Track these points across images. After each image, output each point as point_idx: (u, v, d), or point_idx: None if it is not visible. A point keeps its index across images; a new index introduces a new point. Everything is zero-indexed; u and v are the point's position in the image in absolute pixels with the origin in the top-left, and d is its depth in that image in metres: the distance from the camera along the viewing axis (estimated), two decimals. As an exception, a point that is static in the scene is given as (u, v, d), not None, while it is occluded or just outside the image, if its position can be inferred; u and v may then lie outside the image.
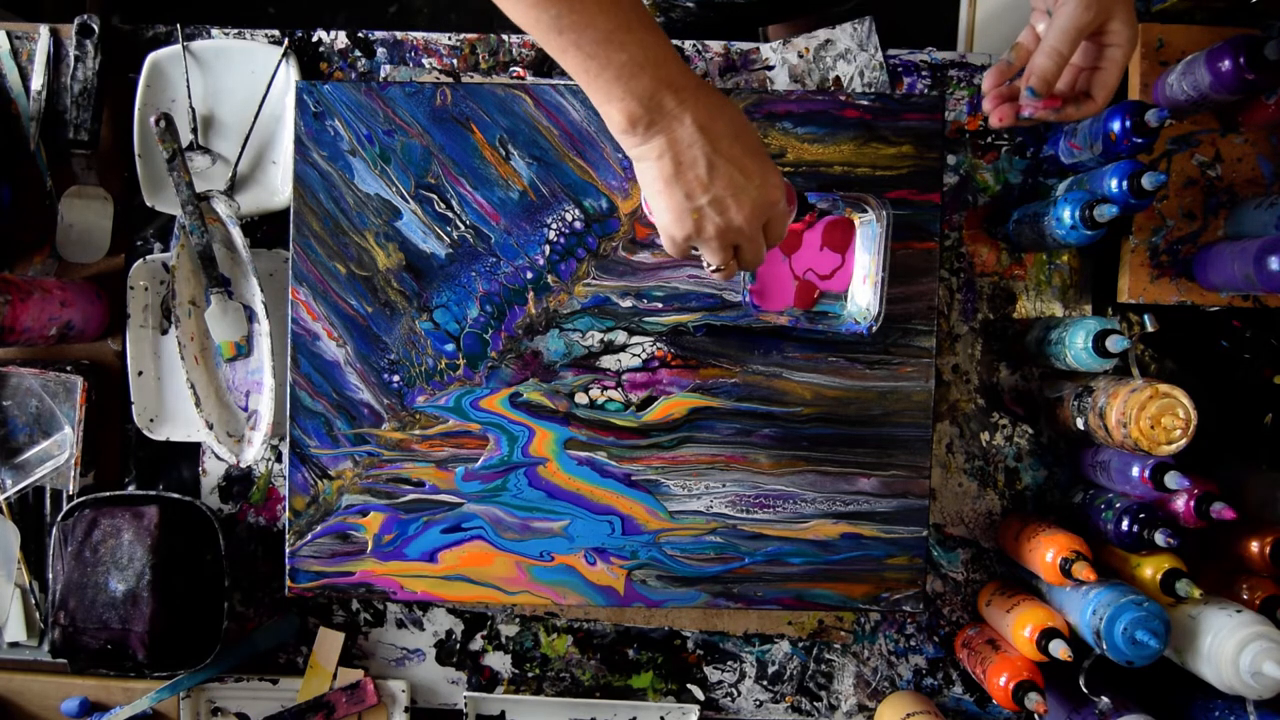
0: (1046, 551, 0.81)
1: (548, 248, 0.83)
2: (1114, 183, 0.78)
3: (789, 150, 0.82)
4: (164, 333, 0.92)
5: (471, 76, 0.93)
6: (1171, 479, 0.76)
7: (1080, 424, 0.82)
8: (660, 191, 0.61)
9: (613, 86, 0.56)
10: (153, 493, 0.89)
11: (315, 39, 0.93)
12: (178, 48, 0.90)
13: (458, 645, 0.94)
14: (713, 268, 0.65)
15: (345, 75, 0.93)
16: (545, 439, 0.83)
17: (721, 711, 0.95)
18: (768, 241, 0.65)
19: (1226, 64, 0.76)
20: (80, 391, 0.89)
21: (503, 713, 0.95)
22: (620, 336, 0.83)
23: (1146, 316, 0.76)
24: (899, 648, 0.94)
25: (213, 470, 0.94)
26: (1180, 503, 0.79)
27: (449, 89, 0.82)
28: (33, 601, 0.92)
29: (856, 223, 0.79)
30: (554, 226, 0.82)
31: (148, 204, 0.90)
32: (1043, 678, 0.82)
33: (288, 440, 0.84)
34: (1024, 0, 1.42)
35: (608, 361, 0.83)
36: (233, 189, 0.91)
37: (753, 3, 1.01)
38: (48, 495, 0.92)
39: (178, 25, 0.91)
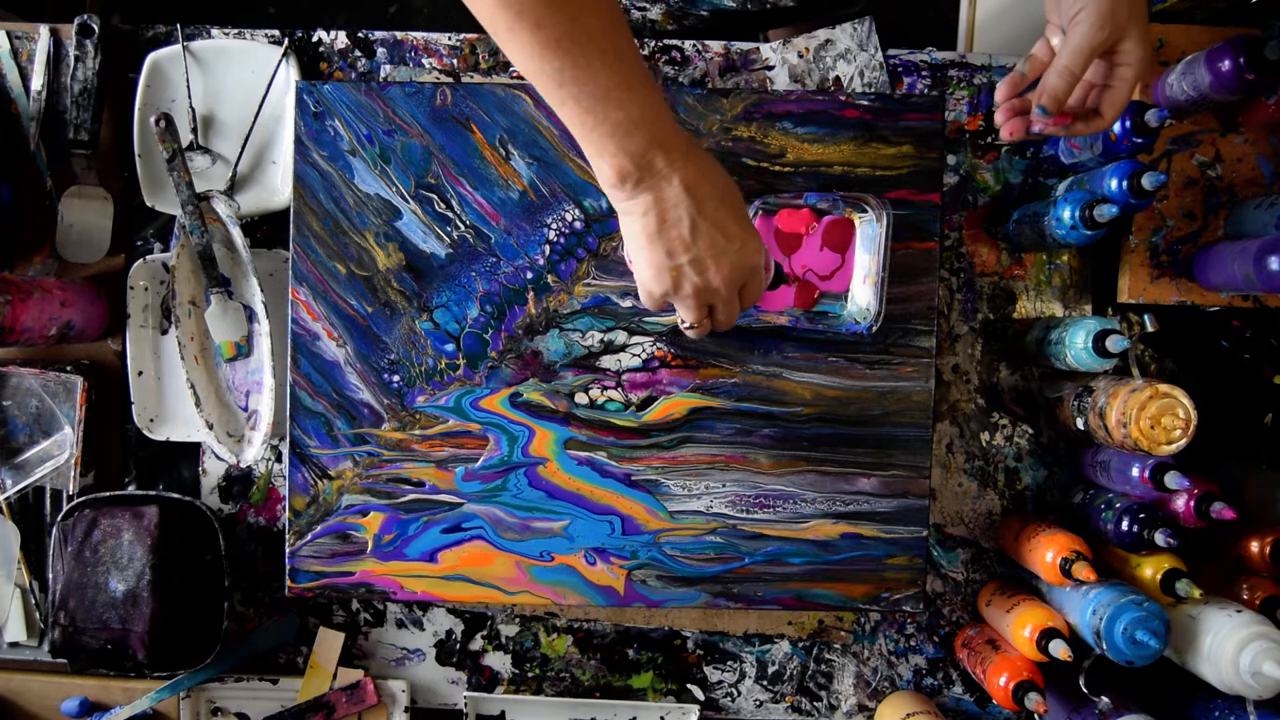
0: (1046, 551, 0.81)
1: (548, 248, 0.83)
2: (1114, 183, 0.78)
3: (789, 150, 0.82)
4: (164, 333, 0.92)
5: (471, 76, 0.93)
6: (1171, 479, 0.76)
7: (1080, 424, 0.82)
8: (643, 247, 0.62)
9: (606, 142, 0.58)
10: (153, 493, 0.89)
11: (315, 39, 0.93)
12: (178, 48, 0.90)
13: (458, 645, 0.94)
14: (686, 325, 0.66)
15: (345, 75, 0.93)
16: (545, 439, 0.83)
17: (721, 711, 0.95)
18: (742, 304, 0.66)
19: (1226, 64, 0.76)
20: (80, 391, 0.89)
21: (503, 713, 0.95)
22: (620, 336, 0.83)
23: (1146, 316, 0.76)
24: (899, 648, 0.94)
25: (213, 470, 0.94)
26: (1180, 503, 0.79)
27: (449, 89, 0.82)
28: (33, 601, 0.92)
29: (856, 223, 0.79)
30: (554, 226, 0.82)
31: (148, 204, 0.90)
32: (1043, 678, 0.82)
33: (288, 440, 0.84)
34: (1024, 0, 1.43)
35: (608, 361, 0.83)
36: (233, 189, 0.91)
37: (763, 12, 1.01)
38: (48, 495, 0.92)
39: (178, 25, 0.91)
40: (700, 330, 0.67)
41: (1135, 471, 0.79)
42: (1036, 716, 0.80)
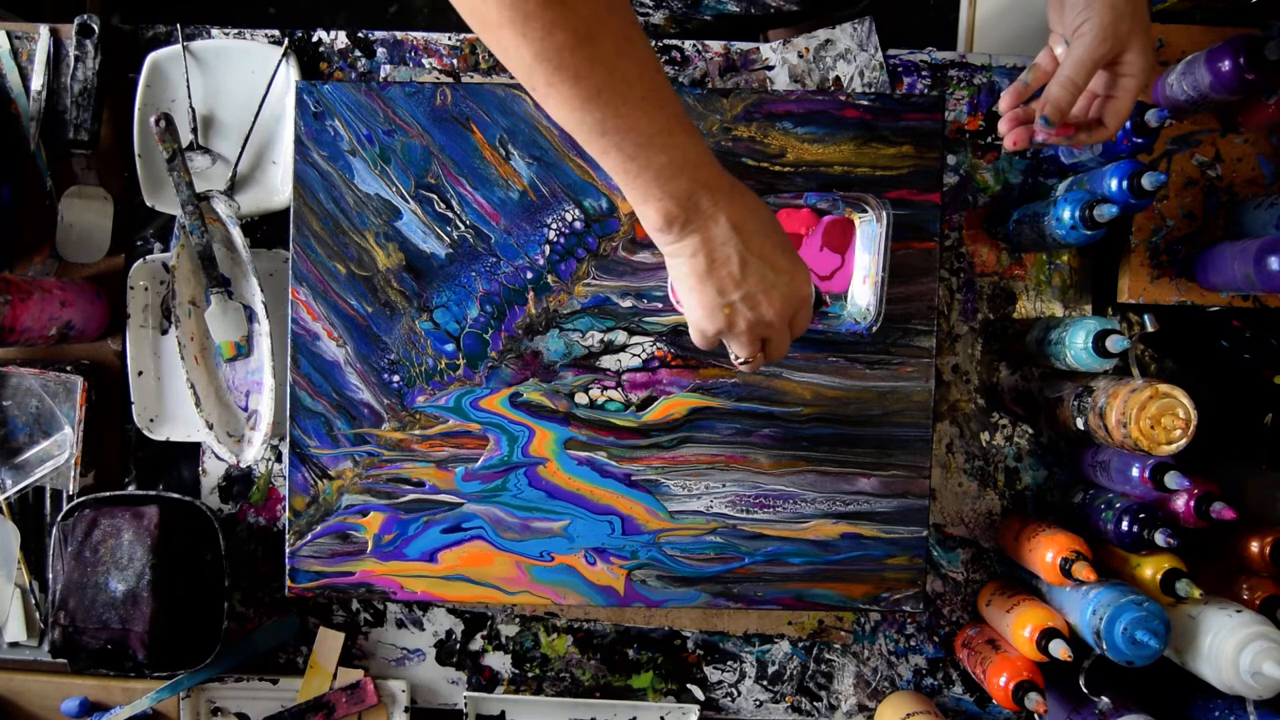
0: (1046, 551, 0.81)
1: (548, 248, 0.83)
2: (1114, 183, 0.78)
3: (789, 150, 0.82)
4: (164, 333, 0.92)
5: (471, 76, 0.93)
6: (1171, 479, 0.76)
7: (1080, 424, 0.82)
8: (694, 288, 0.62)
9: (651, 187, 0.58)
10: (153, 493, 0.89)
11: (315, 39, 0.93)
12: (178, 48, 0.90)
13: (458, 645, 0.94)
14: (741, 360, 0.67)
15: (345, 75, 0.93)
16: (545, 439, 0.83)
17: (721, 711, 0.94)
18: (793, 333, 0.66)
19: (1226, 64, 0.76)
20: (80, 391, 0.89)
21: (503, 713, 0.95)
22: (620, 336, 0.83)
23: (1146, 316, 0.76)
24: (899, 648, 0.94)
25: (213, 470, 0.94)
26: (1180, 503, 0.79)
27: (449, 89, 0.82)
28: (33, 601, 0.92)
29: (856, 223, 0.79)
30: (554, 226, 0.82)
31: (148, 204, 0.90)
32: (1043, 678, 0.82)
33: (288, 440, 0.84)
34: (1024, 1, 1.43)
35: (608, 361, 0.83)
36: (233, 189, 0.91)
37: (766, 16, 1.01)
38: (48, 495, 0.92)
39: (178, 25, 0.91)
40: (754, 364, 0.67)
41: (1135, 471, 0.79)
42: (1036, 716, 0.80)
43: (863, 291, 0.79)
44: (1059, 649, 0.78)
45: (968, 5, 1.54)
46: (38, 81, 0.91)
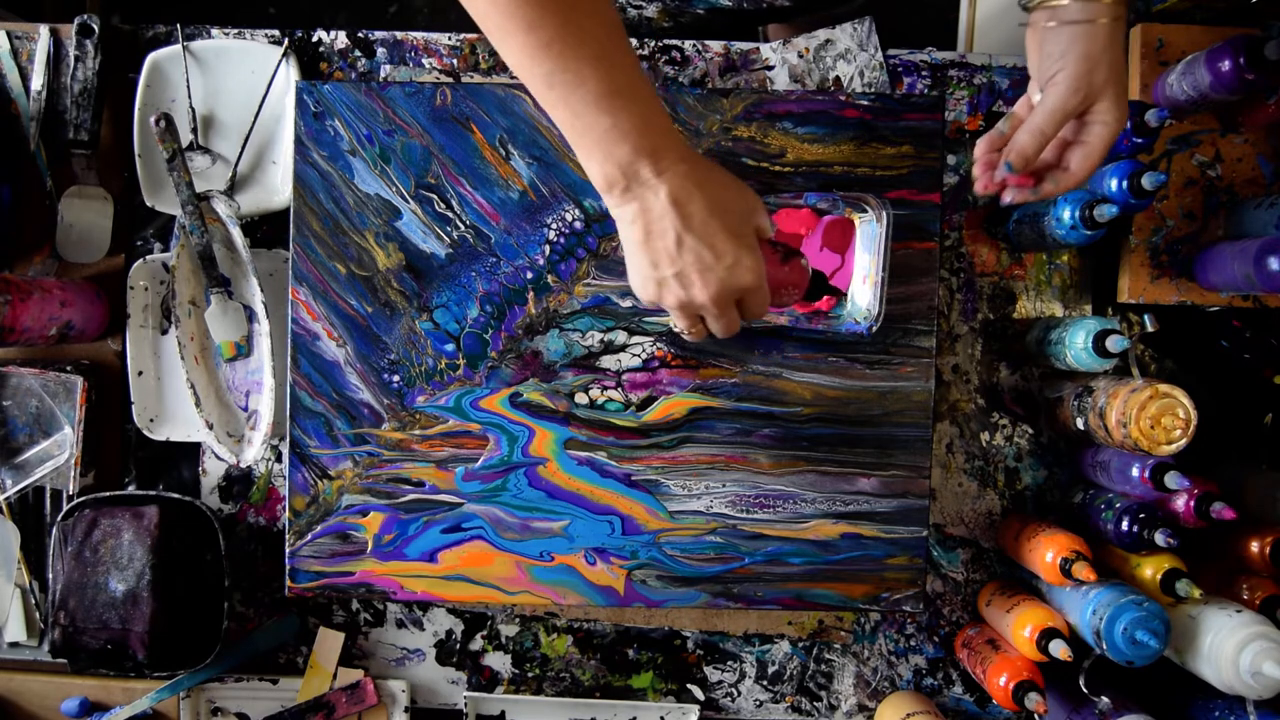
0: (1046, 551, 0.81)
1: (548, 248, 0.83)
2: (1114, 183, 0.78)
3: (789, 150, 0.82)
4: (164, 333, 0.92)
5: (471, 76, 0.93)
6: (1171, 479, 0.76)
7: (1080, 424, 0.82)
8: (630, 254, 0.63)
9: (594, 149, 0.58)
10: (153, 493, 0.89)
11: (315, 39, 0.93)
12: (178, 48, 0.90)
13: (458, 645, 0.94)
14: (677, 329, 0.67)
15: (345, 75, 0.93)
16: (545, 439, 0.83)
17: (721, 711, 0.95)
18: (745, 316, 0.66)
19: (1226, 64, 0.76)
20: (80, 391, 0.89)
21: (503, 713, 0.95)
22: (620, 336, 0.83)
23: (1146, 316, 0.76)
24: (899, 648, 0.94)
25: (213, 470, 0.94)
26: (1180, 503, 0.79)
27: (449, 89, 0.82)
28: (33, 601, 0.92)
29: (856, 223, 0.79)
30: (554, 226, 0.82)
31: (148, 204, 0.90)
32: (1043, 678, 0.82)
33: (288, 440, 0.84)
34: (1024, 0, 1.41)
35: (608, 361, 0.83)
36: (233, 189, 0.91)
37: (759, 11, 1.01)
38: (48, 495, 0.92)
39: (178, 25, 0.91)
40: (695, 336, 0.68)
41: (1135, 471, 0.79)
42: (1036, 716, 0.80)
43: (863, 291, 0.78)
44: (1059, 649, 0.78)
45: (968, 5, 1.54)
46: (38, 81, 0.91)
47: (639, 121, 0.57)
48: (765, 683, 0.94)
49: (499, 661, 0.94)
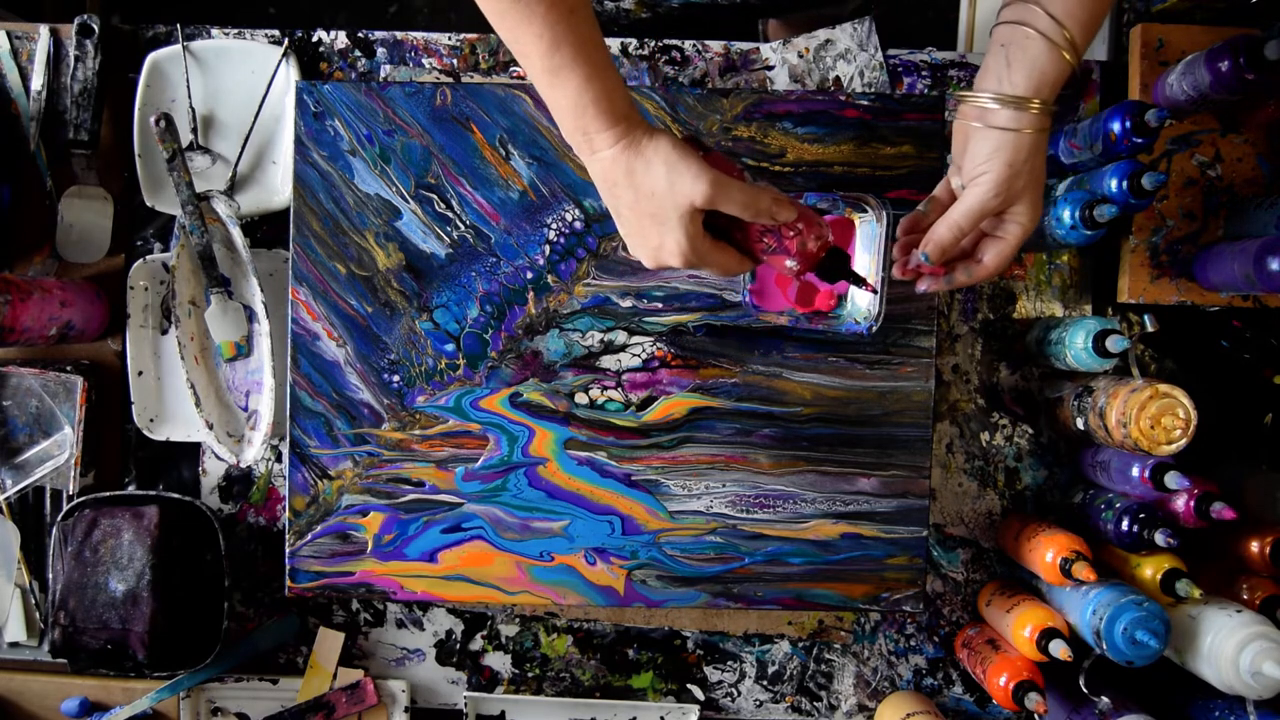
0: (1046, 551, 0.81)
1: (548, 248, 0.83)
2: (1114, 183, 0.78)
3: (789, 150, 0.82)
4: (164, 333, 0.92)
5: (471, 76, 0.93)
6: (1171, 479, 0.76)
7: (1080, 424, 0.82)
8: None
9: (554, 113, 0.63)
10: (153, 493, 0.89)
11: (315, 39, 0.93)
12: (178, 48, 0.90)
13: (458, 645, 0.94)
14: None
15: (345, 75, 0.93)
16: (545, 439, 0.83)
17: (721, 711, 0.95)
18: (714, 271, 0.67)
19: (1226, 64, 0.76)
20: (80, 391, 0.89)
21: (503, 713, 0.95)
22: (620, 336, 0.83)
23: (1146, 316, 0.76)
24: (899, 648, 0.94)
25: (213, 470, 0.94)
26: (1180, 503, 0.79)
27: (449, 89, 0.82)
28: (33, 601, 0.92)
29: (856, 223, 0.79)
30: (554, 226, 0.82)
31: (148, 204, 0.90)
32: (1043, 678, 0.82)
33: (288, 440, 0.84)
34: None
35: (608, 361, 0.83)
36: (233, 189, 0.91)
37: (732, 5, 1.01)
38: (48, 495, 0.92)
39: (178, 25, 0.91)
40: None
41: (1135, 471, 0.79)
42: (1036, 716, 0.80)
43: (862, 291, 0.78)
44: (1059, 649, 0.78)
45: (968, 5, 1.54)
46: (38, 81, 0.91)
47: (571, 103, 0.61)
48: (765, 683, 0.94)
49: (499, 661, 0.94)
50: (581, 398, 0.83)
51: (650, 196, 0.63)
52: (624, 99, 0.62)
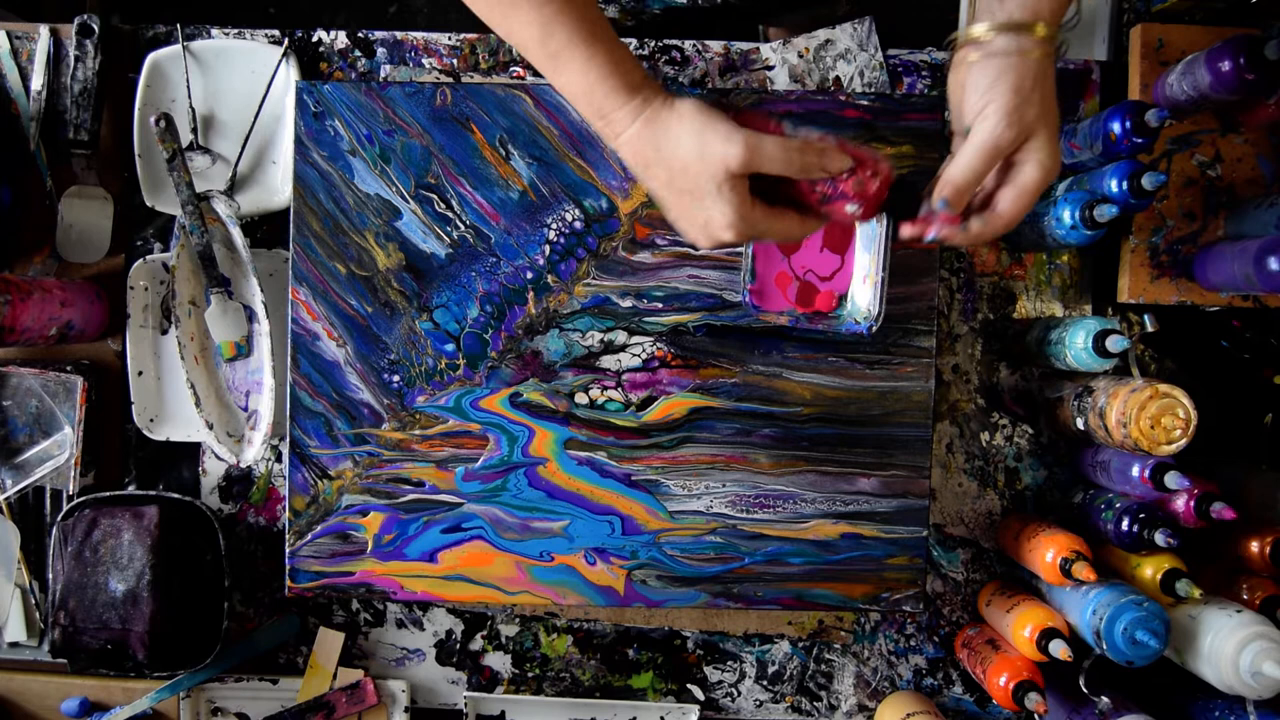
0: (1046, 551, 0.81)
1: (548, 248, 0.83)
2: (1114, 183, 0.78)
3: (789, 150, 0.82)
4: (164, 333, 0.92)
5: (471, 76, 0.93)
6: (1171, 479, 0.76)
7: (1080, 424, 0.82)
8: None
9: (570, 102, 0.62)
10: (153, 493, 0.89)
11: (315, 39, 0.93)
12: (178, 48, 0.90)
13: (458, 645, 0.94)
14: None
15: (345, 75, 0.93)
16: (545, 439, 0.83)
17: (721, 711, 0.95)
18: (775, 239, 0.64)
19: (1226, 64, 0.76)
20: (80, 391, 0.89)
21: (503, 713, 0.95)
22: (620, 336, 0.83)
23: (1146, 316, 0.76)
24: (899, 648, 0.94)
25: (213, 470, 0.94)
26: (1180, 503, 0.79)
27: (449, 89, 0.82)
28: (33, 601, 0.92)
29: (856, 223, 0.79)
30: (554, 226, 0.82)
31: (148, 204, 0.90)
32: (1043, 678, 0.82)
33: (288, 440, 0.84)
34: None
35: (608, 361, 0.83)
36: (233, 189, 0.91)
37: (713, 8, 1.01)
38: (48, 495, 0.92)
39: (178, 25, 0.91)
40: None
41: (1135, 471, 0.79)
42: (1036, 716, 0.80)
43: (863, 291, 0.78)
44: (1059, 649, 0.78)
45: (968, 5, 1.54)
46: (38, 81, 0.91)
47: (579, 87, 0.59)
48: (765, 683, 0.94)
49: (499, 661, 0.94)
50: (581, 398, 0.83)
51: (684, 171, 0.59)
52: (634, 70, 0.59)
